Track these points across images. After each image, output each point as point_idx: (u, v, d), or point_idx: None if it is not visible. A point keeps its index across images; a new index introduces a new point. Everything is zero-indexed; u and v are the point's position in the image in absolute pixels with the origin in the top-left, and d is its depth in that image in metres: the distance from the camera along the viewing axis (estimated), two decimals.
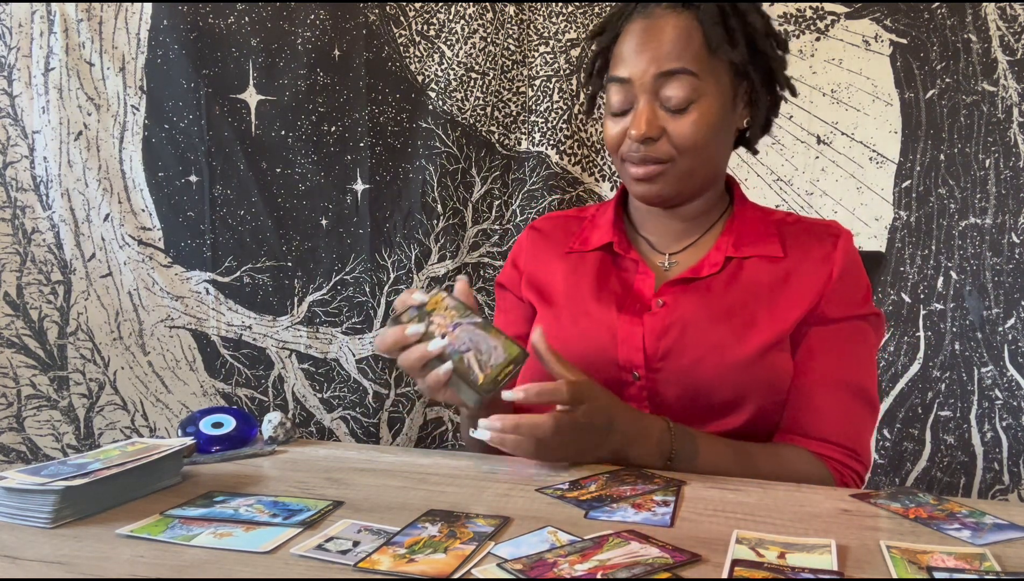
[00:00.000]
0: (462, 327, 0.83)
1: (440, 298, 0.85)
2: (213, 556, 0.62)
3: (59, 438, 1.67)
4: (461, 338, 0.83)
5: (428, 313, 0.84)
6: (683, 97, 0.91)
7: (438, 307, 0.84)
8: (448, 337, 0.83)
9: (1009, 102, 1.48)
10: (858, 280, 0.98)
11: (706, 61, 0.92)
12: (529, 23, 1.68)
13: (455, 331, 0.83)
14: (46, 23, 1.61)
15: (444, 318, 0.84)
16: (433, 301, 0.85)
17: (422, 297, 0.85)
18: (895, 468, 1.57)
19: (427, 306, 0.84)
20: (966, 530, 0.67)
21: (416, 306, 0.85)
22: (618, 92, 0.95)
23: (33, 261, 1.64)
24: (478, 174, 1.70)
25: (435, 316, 0.84)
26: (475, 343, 0.83)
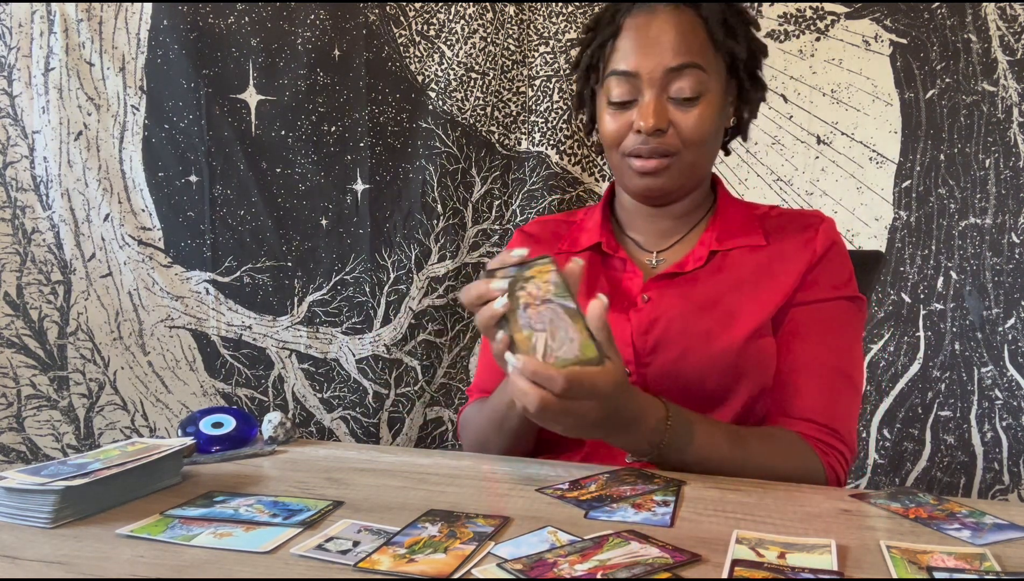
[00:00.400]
0: (551, 306, 0.77)
1: (547, 269, 0.79)
2: (213, 556, 0.62)
3: (59, 438, 1.67)
4: (543, 315, 0.76)
5: (527, 278, 0.78)
6: (693, 89, 0.92)
7: (539, 276, 0.78)
8: (531, 309, 0.76)
9: (1009, 102, 1.48)
10: (841, 263, 0.99)
11: (711, 56, 0.94)
12: (529, 23, 1.68)
13: (541, 306, 0.77)
14: (46, 23, 1.61)
15: (539, 290, 0.77)
16: (537, 269, 0.78)
17: (521, 253, 0.79)
18: (895, 468, 1.57)
19: (529, 272, 0.78)
20: (966, 530, 0.67)
21: (515, 265, 0.78)
22: (621, 85, 0.95)
23: (33, 261, 1.64)
24: (478, 174, 1.70)
25: (531, 284, 0.78)
26: (554, 326, 0.76)
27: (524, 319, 0.76)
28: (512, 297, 0.77)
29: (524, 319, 0.76)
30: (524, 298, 0.77)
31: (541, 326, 0.76)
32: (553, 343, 0.75)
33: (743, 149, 1.60)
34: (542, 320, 0.76)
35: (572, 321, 0.76)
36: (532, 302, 0.77)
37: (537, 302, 0.76)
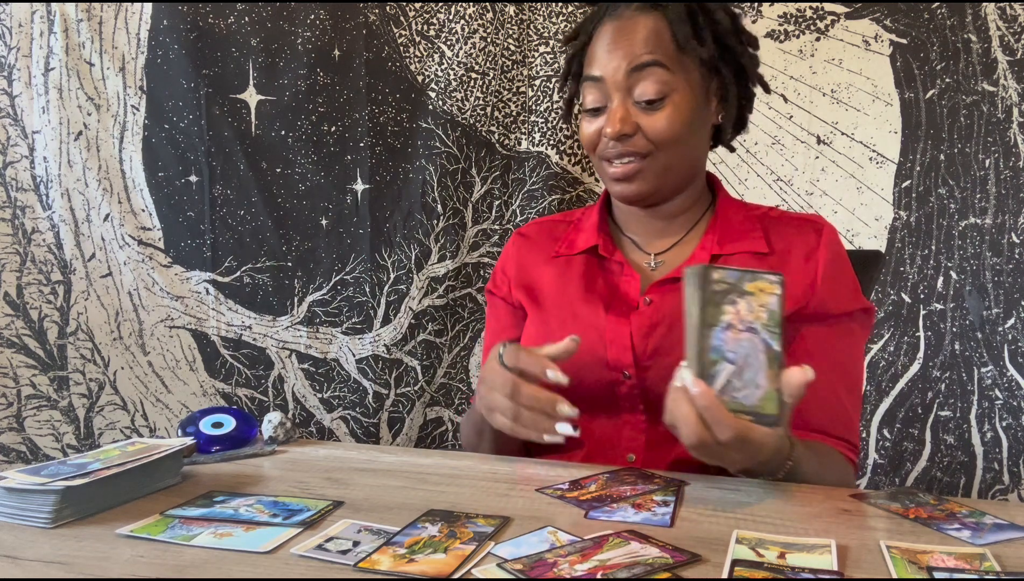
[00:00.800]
0: (754, 338, 0.67)
1: (771, 290, 0.68)
2: (213, 556, 0.62)
3: (59, 438, 1.67)
4: (742, 345, 0.67)
5: (744, 292, 0.68)
6: (655, 90, 0.92)
7: (759, 295, 0.67)
8: (731, 332, 0.67)
9: (1009, 102, 1.48)
10: (847, 275, 0.99)
11: (676, 56, 0.94)
12: (529, 23, 1.68)
13: (744, 333, 0.67)
14: (46, 23, 1.61)
15: (751, 312, 0.67)
16: (761, 285, 0.68)
17: (735, 275, 0.68)
18: (895, 468, 1.57)
19: (751, 285, 0.68)
20: (966, 530, 0.67)
21: (737, 271, 0.68)
22: (592, 91, 0.96)
23: (33, 261, 1.64)
24: (478, 174, 1.70)
25: (746, 302, 0.67)
26: (746, 363, 0.67)
27: (719, 340, 0.67)
28: (716, 307, 0.67)
29: (719, 340, 0.67)
30: (731, 316, 0.67)
31: (733, 356, 0.67)
32: (737, 381, 0.67)
33: (743, 149, 1.60)
34: (737, 350, 0.67)
35: (767, 365, 0.67)
36: (736, 324, 0.67)
37: (741, 327, 0.67)
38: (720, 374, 0.67)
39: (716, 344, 0.67)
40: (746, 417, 0.67)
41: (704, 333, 0.67)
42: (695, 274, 0.68)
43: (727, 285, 0.67)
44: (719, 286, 0.67)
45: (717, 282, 0.67)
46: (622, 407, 0.96)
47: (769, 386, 0.67)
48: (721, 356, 0.67)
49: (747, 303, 0.67)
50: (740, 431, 0.67)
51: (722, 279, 0.67)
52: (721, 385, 0.67)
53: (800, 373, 0.68)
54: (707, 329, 0.67)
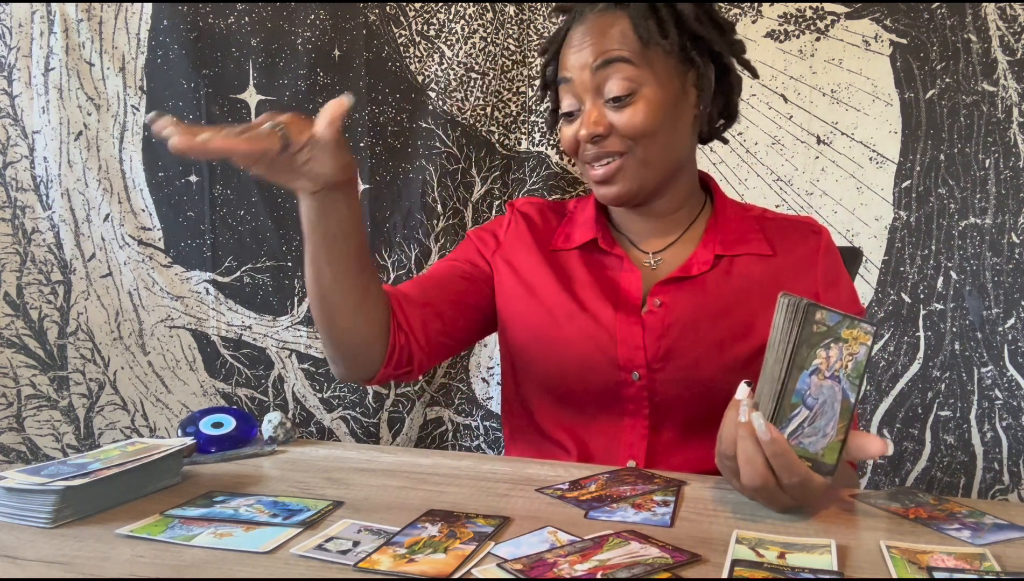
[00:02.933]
0: (835, 387, 0.66)
1: (864, 339, 0.66)
2: (213, 556, 0.62)
3: (59, 438, 1.67)
4: (823, 393, 0.66)
5: (840, 338, 0.65)
6: (622, 87, 0.92)
7: (852, 343, 0.66)
8: (817, 378, 0.65)
9: (1009, 102, 1.48)
10: (844, 279, 1.00)
11: (642, 51, 0.93)
12: (529, 23, 1.68)
13: (828, 380, 0.65)
14: (46, 23, 1.61)
15: (840, 360, 0.65)
16: (857, 333, 0.66)
17: (835, 318, 0.65)
18: (895, 468, 1.57)
19: (847, 332, 0.65)
20: (966, 530, 0.67)
21: (838, 315, 0.65)
22: (566, 95, 0.97)
23: (33, 261, 1.65)
24: (478, 174, 1.70)
25: (837, 348, 0.65)
26: (821, 412, 0.66)
27: (804, 384, 0.65)
28: (810, 349, 0.65)
29: (804, 384, 0.65)
30: (821, 361, 0.65)
31: (812, 402, 0.65)
32: (808, 427, 0.66)
33: (743, 149, 1.60)
34: (818, 397, 0.65)
35: (840, 417, 0.66)
36: (824, 370, 0.65)
37: (827, 374, 0.65)
38: (795, 419, 0.65)
39: (800, 387, 0.65)
40: (807, 462, 0.67)
41: (791, 374, 0.65)
42: (796, 309, 0.65)
43: (826, 328, 0.65)
44: (818, 328, 0.65)
45: (818, 323, 0.65)
46: (625, 410, 0.95)
47: (835, 436, 0.66)
48: (801, 401, 0.65)
49: (839, 350, 0.65)
50: (804, 479, 0.67)
51: (823, 321, 0.65)
52: (792, 429, 0.66)
53: (881, 445, 0.68)
54: (795, 371, 0.65)
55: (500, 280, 1.05)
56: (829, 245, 1.00)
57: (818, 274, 0.96)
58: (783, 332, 0.66)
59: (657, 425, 0.94)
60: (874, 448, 0.68)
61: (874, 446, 0.68)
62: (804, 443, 0.66)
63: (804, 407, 0.65)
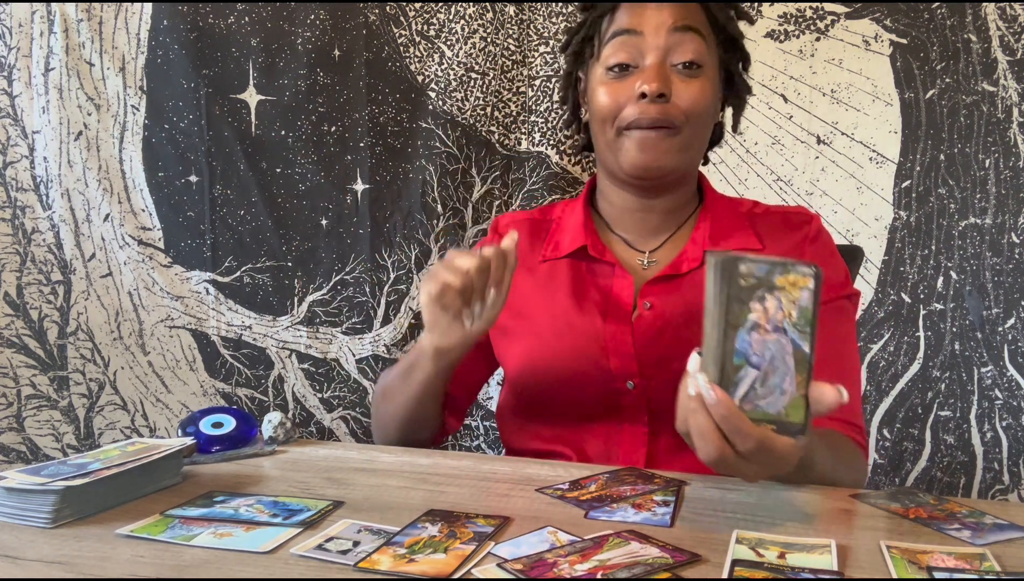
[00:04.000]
0: (781, 339, 0.60)
1: (803, 282, 0.60)
2: (213, 556, 0.62)
3: (59, 438, 1.67)
4: (768, 347, 0.60)
5: (774, 287, 0.59)
6: (696, 56, 0.89)
7: (791, 290, 0.60)
8: (759, 333, 0.59)
9: (1009, 102, 1.48)
10: (837, 260, 0.98)
11: (710, 36, 0.92)
12: (529, 23, 1.68)
13: (772, 334, 0.60)
14: (46, 23, 1.61)
15: (782, 310, 0.60)
16: (794, 278, 0.60)
17: (764, 267, 0.59)
18: (895, 468, 1.57)
19: (782, 278, 0.59)
20: (966, 530, 0.67)
21: (767, 263, 0.59)
22: (623, 48, 0.90)
23: (33, 261, 1.65)
24: (478, 174, 1.70)
25: (774, 298, 0.59)
26: (772, 370, 0.60)
27: (743, 343, 0.60)
28: (742, 305, 0.59)
29: (743, 343, 0.60)
30: (758, 315, 0.60)
31: (758, 360, 0.60)
32: (760, 388, 0.61)
33: (743, 149, 1.60)
34: (763, 353, 0.60)
35: (796, 369, 0.60)
36: (764, 325, 0.60)
37: (768, 327, 0.60)
38: (743, 381, 0.60)
39: (740, 347, 0.60)
40: (768, 426, 0.61)
41: (727, 335, 0.60)
42: (719, 266, 0.60)
43: (756, 280, 0.59)
44: (747, 281, 0.59)
45: (745, 276, 0.59)
46: (624, 418, 0.94)
47: (795, 392, 0.60)
48: (745, 360, 0.60)
49: (776, 300, 0.59)
50: (762, 442, 0.61)
51: (750, 273, 0.59)
52: (743, 393, 0.60)
53: (834, 393, 0.61)
54: (731, 330, 0.60)
55: None
56: (818, 231, 0.98)
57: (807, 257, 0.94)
58: (712, 294, 0.60)
59: (656, 431, 0.93)
60: (828, 398, 0.61)
61: (829, 395, 0.61)
62: (761, 405, 0.60)
63: (750, 367, 0.60)
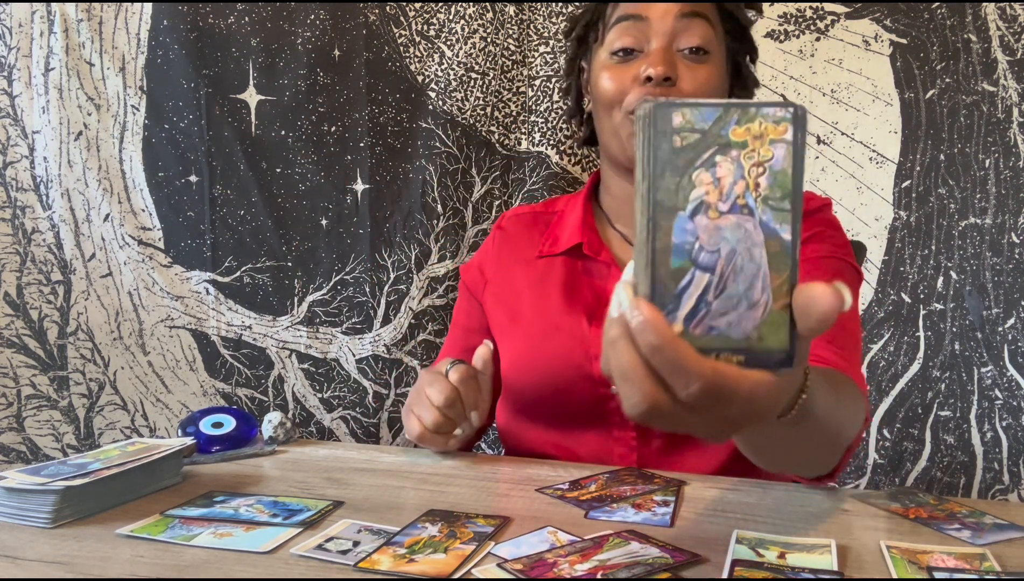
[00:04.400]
0: (747, 224, 0.41)
1: (775, 130, 0.40)
2: (213, 556, 0.62)
3: (59, 438, 1.67)
4: (724, 235, 0.41)
5: (729, 143, 0.40)
6: (703, 42, 0.87)
7: (756, 144, 0.40)
8: (709, 216, 0.41)
9: (1009, 102, 1.48)
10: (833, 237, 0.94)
11: (718, 24, 0.90)
12: (529, 23, 1.68)
13: (730, 216, 0.41)
14: (46, 23, 1.61)
15: (745, 178, 0.40)
16: (760, 125, 0.40)
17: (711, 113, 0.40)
18: (895, 468, 1.57)
19: (742, 127, 0.40)
20: (966, 530, 0.67)
21: (715, 107, 0.40)
22: (627, 33, 0.89)
23: (33, 261, 1.64)
24: (478, 174, 1.70)
25: (731, 159, 0.40)
26: (734, 272, 0.41)
27: (684, 235, 0.41)
28: (679, 175, 0.40)
29: (684, 235, 0.41)
30: (706, 189, 0.40)
31: (709, 258, 0.41)
32: (716, 301, 0.41)
33: None
34: (717, 246, 0.41)
35: (772, 267, 0.41)
36: (716, 203, 0.41)
37: (724, 205, 0.41)
38: (687, 290, 0.41)
39: (680, 241, 0.41)
40: (732, 357, 0.42)
41: (660, 223, 0.41)
42: (644, 119, 0.42)
43: (697, 135, 0.40)
44: (684, 138, 0.40)
45: (682, 131, 0.40)
46: (611, 423, 0.93)
47: (771, 302, 0.41)
48: (689, 260, 0.41)
49: (733, 162, 0.40)
50: (716, 383, 0.41)
51: (689, 124, 0.40)
52: (689, 309, 0.41)
53: (830, 294, 0.40)
54: (665, 216, 0.41)
55: (489, 317, 1.04)
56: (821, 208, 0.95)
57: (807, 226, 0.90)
58: (640, 160, 0.42)
59: (645, 434, 0.92)
60: (824, 300, 0.40)
61: (823, 297, 0.40)
62: (718, 327, 0.41)
63: (697, 269, 0.41)
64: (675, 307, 0.41)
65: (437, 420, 0.85)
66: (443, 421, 0.86)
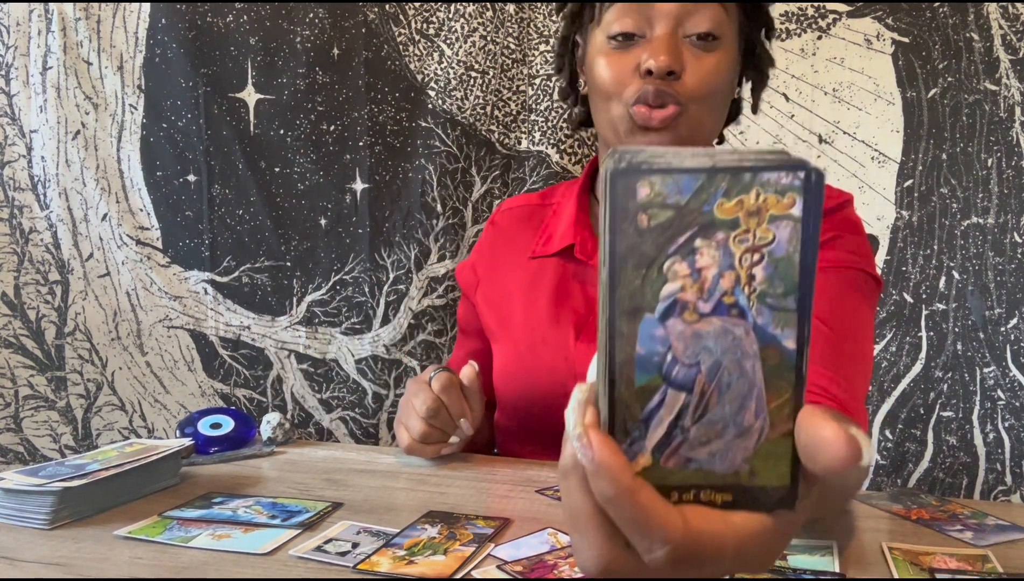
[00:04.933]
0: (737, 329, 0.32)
1: (777, 204, 0.31)
2: (211, 557, 0.62)
3: (57, 439, 1.67)
4: (709, 350, 0.33)
5: (714, 223, 0.31)
6: (713, 26, 0.78)
7: (751, 221, 0.31)
8: (683, 321, 0.32)
9: (1011, 101, 1.48)
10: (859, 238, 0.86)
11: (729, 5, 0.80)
12: (529, 21, 1.67)
13: (713, 319, 0.32)
14: (44, 22, 1.60)
15: (736, 268, 0.32)
16: (759, 200, 0.31)
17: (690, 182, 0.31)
18: (897, 469, 1.56)
19: (724, 206, 0.31)
20: (968, 531, 0.67)
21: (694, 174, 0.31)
22: (628, 15, 0.79)
23: (31, 261, 1.64)
24: (478, 173, 1.70)
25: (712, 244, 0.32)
26: (718, 388, 0.33)
27: (653, 343, 0.33)
28: (644, 264, 0.32)
29: (653, 343, 0.33)
30: (681, 284, 0.32)
31: (689, 368, 0.33)
32: (696, 426, 0.33)
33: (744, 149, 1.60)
34: (697, 353, 0.33)
35: (770, 382, 0.33)
36: (694, 301, 0.32)
37: (706, 304, 0.32)
38: (657, 414, 0.33)
39: (646, 351, 0.32)
40: (717, 496, 0.34)
41: (620, 327, 0.32)
42: (609, 183, 0.32)
43: (670, 212, 0.31)
44: (654, 214, 0.31)
45: (648, 206, 0.31)
46: None
47: (768, 429, 0.33)
48: (658, 375, 0.33)
49: (719, 248, 0.31)
50: (691, 544, 0.33)
51: (659, 198, 0.31)
52: (659, 437, 0.33)
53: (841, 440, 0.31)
54: (628, 317, 0.32)
55: (481, 317, 1.01)
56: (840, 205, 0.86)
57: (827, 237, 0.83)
58: (601, 240, 0.32)
59: None
60: (832, 452, 0.31)
61: (832, 448, 0.31)
62: (699, 460, 0.33)
63: (669, 387, 0.33)
64: (641, 435, 0.33)
65: (423, 430, 0.84)
66: (429, 431, 0.85)
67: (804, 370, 0.33)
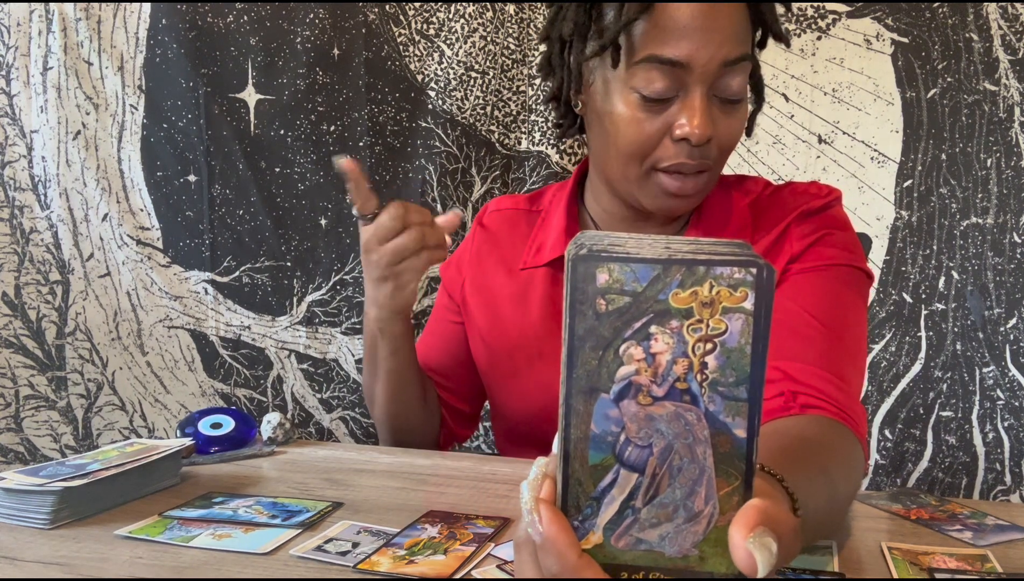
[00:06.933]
0: (688, 415, 0.34)
1: (730, 296, 0.32)
2: (212, 557, 0.62)
3: (57, 439, 1.67)
4: (661, 434, 0.34)
5: (668, 312, 0.33)
6: (741, 89, 0.75)
7: (704, 312, 0.33)
8: (637, 404, 0.34)
9: (1011, 101, 1.48)
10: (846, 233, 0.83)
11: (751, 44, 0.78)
12: (529, 22, 1.67)
13: (666, 404, 0.34)
14: (44, 22, 1.60)
15: (690, 355, 0.33)
16: (712, 292, 0.32)
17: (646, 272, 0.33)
18: (896, 469, 1.57)
19: (680, 296, 0.33)
20: (968, 531, 0.67)
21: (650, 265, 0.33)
22: (663, 78, 0.73)
23: (31, 261, 1.64)
24: (478, 174, 1.70)
25: (666, 331, 0.33)
26: (670, 472, 0.34)
27: (607, 423, 0.34)
28: (600, 347, 0.33)
29: (607, 423, 0.34)
30: (637, 364, 0.33)
31: (642, 449, 0.34)
32: (647, 508, 0.34)
33: (744, 148, 1.60)
34: (650, 435, 0.34)
35: (720, 469, 0.34)
36: (648, 385, 0.33)
37: (659, 389, 0.33)
38: (609, 492, 0.34)
39: (601, 430, 0.34)
40: (665, 579, 0.35)
41: (575, 405, 0.34)
42: (570, 269, 0.34)
43: (627, 299, 0.33)
44: (612, 300, 0.33)
45: (606, 291, 0.33)
46: None
47: (718, 515, 0.34)
48: (612, 454, 0.34)
49: (673, 336, 0.33)
50: None
51: (617, 285, 0.33)
52: (611, 515, 0.34)
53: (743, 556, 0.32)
54: (584, 396, 0.34)
55: (467, 319, 0.98)
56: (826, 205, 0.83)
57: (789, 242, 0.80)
58: (565, 325, 0.34)
59: None
60: (736, 556, 0.32)
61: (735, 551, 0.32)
62: (649, 542, 0.34)
63: (622, 467, 0.34)
64: (594, 512, 0.34)
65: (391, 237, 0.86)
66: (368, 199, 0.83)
67: (754, 459, 0.34)
